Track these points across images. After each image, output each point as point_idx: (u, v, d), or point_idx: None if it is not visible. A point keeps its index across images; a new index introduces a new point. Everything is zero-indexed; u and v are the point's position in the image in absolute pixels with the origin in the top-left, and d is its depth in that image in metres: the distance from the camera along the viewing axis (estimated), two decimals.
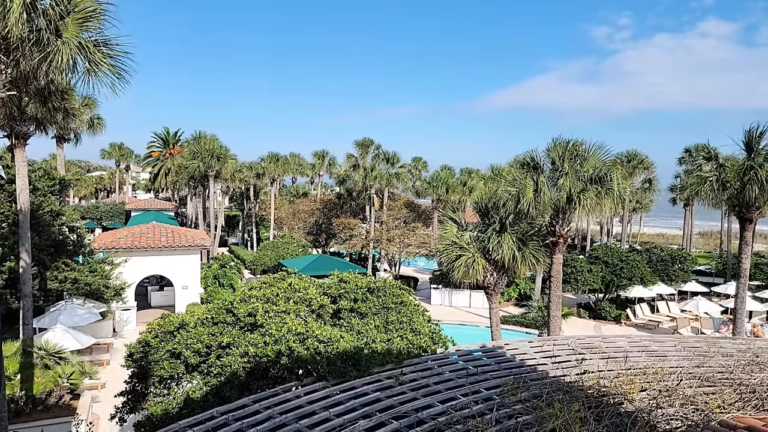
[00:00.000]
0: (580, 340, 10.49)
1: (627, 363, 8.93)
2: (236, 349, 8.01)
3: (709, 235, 67.88)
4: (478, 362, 9.12)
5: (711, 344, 10.78)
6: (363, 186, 39.89)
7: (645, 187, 45.93)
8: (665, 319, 30.67)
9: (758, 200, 15.95)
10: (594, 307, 31.54)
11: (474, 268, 15.35)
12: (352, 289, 9.98)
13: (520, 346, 10.20)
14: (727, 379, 7.99)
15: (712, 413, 6.32)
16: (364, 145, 40.97)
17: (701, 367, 8.68)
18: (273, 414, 6.67)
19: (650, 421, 6.20)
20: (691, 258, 36.48)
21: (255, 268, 39.08)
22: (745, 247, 16.83)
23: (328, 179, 71.98)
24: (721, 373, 8.27)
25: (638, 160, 42.93)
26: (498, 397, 7.42)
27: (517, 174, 16.20)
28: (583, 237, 52.61)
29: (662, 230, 77.85)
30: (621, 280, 30.56)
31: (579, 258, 32.08)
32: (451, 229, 16.60)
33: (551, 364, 9.03)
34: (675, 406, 6.73)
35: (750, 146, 16.56)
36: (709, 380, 7.96)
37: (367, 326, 9.16)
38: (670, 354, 9.71)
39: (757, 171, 15.60)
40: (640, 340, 10.86)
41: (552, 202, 15.26)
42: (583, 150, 15.54)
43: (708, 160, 17.23)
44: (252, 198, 52.27)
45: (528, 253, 15.41)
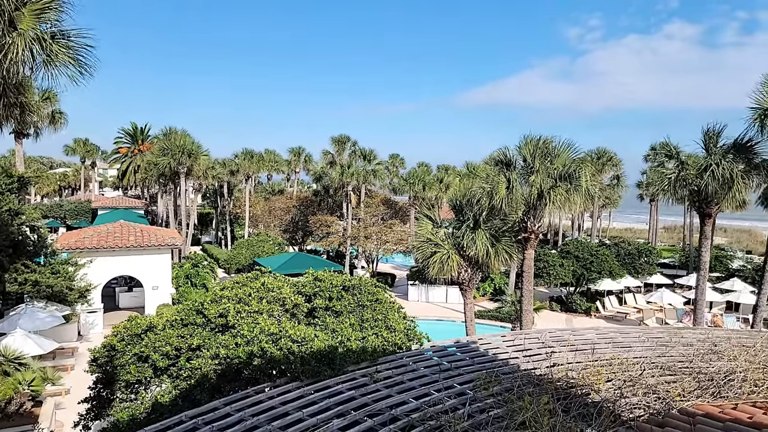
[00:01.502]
0: (550, 333, 10.73)
1: (594, 354, 9.20)
2: (207, 351, 7.93)
3: (673, 230, 70.06)
4: (452, 358, 9.25)
5: (673, 334, 11.17)
6: (340, 183, 39.79)
7: (613, 184, 47.15)
8: (632, 311, 31.60)
9: (716, 196, 16.60)
10: (566, 300, 32.25)
11: (449, 264, 15.54)
12: (327, 287, 9.98)
13: (493, 341, 10.38)
14: (687, 367, 8.31)
15: (673, 401, 6.58)
16: (340, 141, 40.86)
17: (663, 356, 9.00)
18: (245, 416, 6.63)
19: (615, 411, 6.42)
20: (656, 251, 37.65)
21: (229, 267, 38.60)
22: (705, 241, 17.48)
23: (304, 176, 71.51)
24: (682, 362, 8.60)
25: (607, 157, 44.01)
26: (471, 391, 7.54)
27: (491, 171, 16.44)
28: (555, 232, 53.64)
29: (630, 225, 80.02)
30: (591, 274, 31.33)
31: (551, 253, 32.74)
32: (427, 226, 16.75)
33: (522, 357, 9.22)
34: (638, 395, 6.98)
35: (708, 145, 17.20)
36: (670, 369, 8.27)
37: (342, 325, 9.18)
38: (635, 345, 10.02)
39: (714, 168, 16.24)
40: (607, 332, 11.18)
41: (524, 199, 15.55)
42: (554, 147, 15.87)
43: (670, 158, 17.83)
44: (226, 195, 51.51)
45: (501, 248, 15.67)
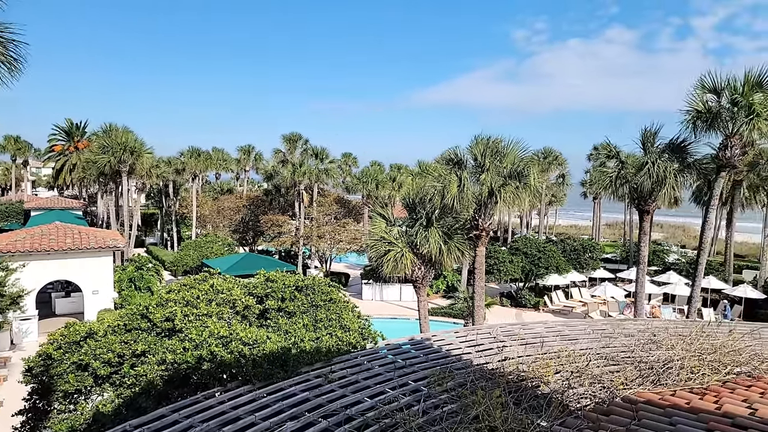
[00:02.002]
0: (501, 328, 10.98)
1: (543, 348, 9.47)
2: (153, 357, 7.56)
3: (615, 226, 73.59)
4: (406, 355, 9.27)
5: (616, 326, 11.69)
6: (292, 182, 39.20)
7: (559, 182, 48.99)
8: (578, 305, 32.93)
9: (653, 193, 17.57)
10: (515, 296, 33.19)
11: (403, 262, 15.62)
12: (279, 288, 9.77)
13: (446, 337, 10.50)
14: (629, 357, 8.70)
15: (617, 390, 6.87)
16: (292, 140, 40.23)
17: (607, 347, 9.39)
18: (194, 423, 6.37)
19: (563, 401, 6.62)
20: (599, 247, 39.41)
21: (176, 269, 37.20)
22: (644, 236, 18.47)
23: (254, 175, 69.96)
24: (624, 353, 9.00)
25: (553, 156, 45.67)
26: (425, 388, 7.58)
27: (443, 170, 16.66)
28: (505, 230, 55.12)
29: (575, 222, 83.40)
30: (539, 270, 32.39)
31: (501, 250, 33.59)
32: (380, 225, 16.76)
33: (475, 352, 9.37)
34: (585, 385, 7.24)
35: (645, 145, 18.18)
36: (614, 359, 8.63)
37: (296, 325, 9.01)
38: (581, 337, 10.41)
39: (650, 167, 17.19)
40: (555, 326, 11.56)
41: (475, 197, 15.84)
42: (503, 147, 16.27)
43: (610, 157, 18.72)
44: (171, 195, 49.61)
45: (453, 246, 15.91)
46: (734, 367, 7.63)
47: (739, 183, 32.37)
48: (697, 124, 17.16)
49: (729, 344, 8.60)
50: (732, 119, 16.52)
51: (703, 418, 5.25)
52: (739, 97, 16.30)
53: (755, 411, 5.44)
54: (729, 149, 16.75)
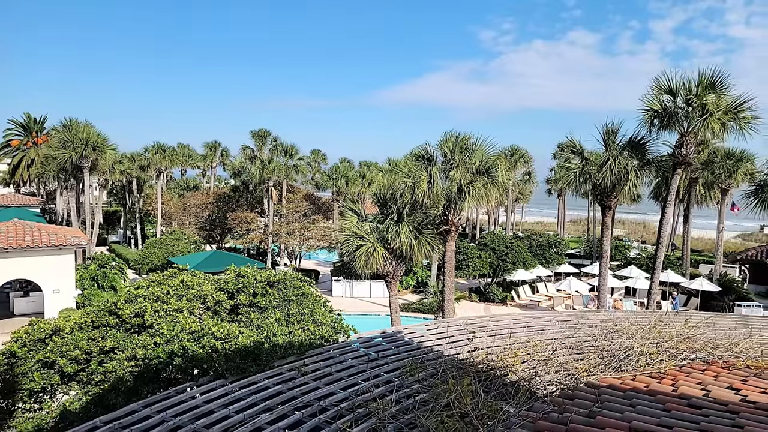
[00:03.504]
0: (471, 320, 11.25)
1: (511, 338, 9.77)
2: (122, 353, 7.44)
3: (579, 223, 75.72)
4: (378, 348, 9.40)
5: (580, 317, 12.13)
6: (260, 178, 38.75)
7: (525, 179, 50.10)
8: (544, 299, 33.81)
9: (614, 189, 18.28)
10: (483, 291, 33.81)
11: (374, 256, 15.75)
12: (251, 283, 9.73)
13: (417, 330, 10.68)
14: (592, 346, 9.07)
15: (581, 376, 7.18)
16: (260, 136, 39.76)
17: (572, 337, 9.75)
18: (166, 417, 6.32)
19: (531, 388, 6.89)
20: (564, 243, 40.55)
21: (140, 268, 36.29)
22: (606, 231, 19.18)
23: (221, 171, 68.72)
24: (588, 342, 9.37)
25: (519, 154, 46.65)
26: (397, 379, 7.72)
27: (413, 166, 16.89)
28: (473, 226, 55.96)
29: (541, 219, 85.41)
30: (506, 265, 33.09)
31: (470, 246, 34.14)
32: (352, 220, 16.84)
33: (446, 344, 9.58)
34: (551, 372, 7.54)
35: (607, 142, 18.87)
36: (578, 348, 8.99)
37: (268, 320, 9.00)
38: (547, 328, 10.77)
39: (612, 163, 17.88)
40: (522, 318, 11.91)
41: (444, 192, 16.11)
42: (471, 144, 16.59)
43: (574, 154, 19.34)
44: (135, 192, 48.26)
45: (424, 240, 16.14)
46: (689, 353, 8.06)
47: (695, 180, 33.87)
48: (655, 123, 17.94)
49: (685, 332, 9.09)
50: (687, 119, 17.36)
51: (660, 400, 5.58)
52: (693, 97, 17.13)
53: (708, 392, 5.81)
54: (684, 147, 17.58)
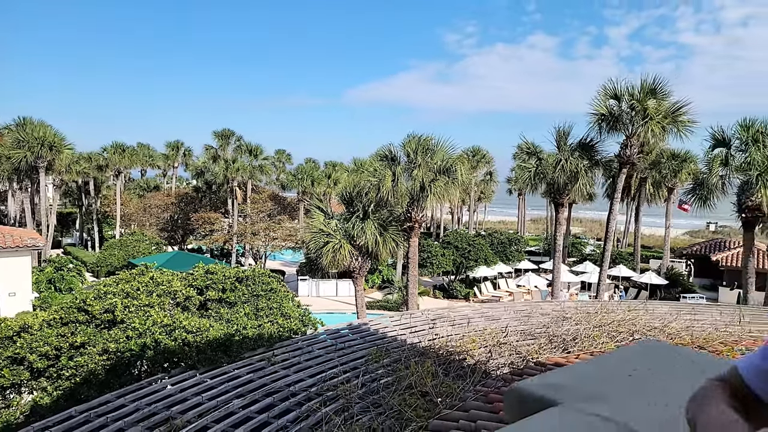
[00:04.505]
0: (432, 311, 11.86)
1: (470, 326, 10.42)
2: (93, 348, 7.61)
3: (539, 221, 78.11)
4: (345, 338, 9.86)
5: (534, 307, 12.94)
6: (224, 178, 38.44)
7: (487, 179, 51.49)
8: (505, 294, 34.95)
9: (567, 188, 19.40)
10: (447, 288, 34.67)
11: (341, 253, 16.19)
12: (219, 279, 10.00)
13: (382, 321, 11.20)
14: (544, 332, 9.82)
15: (531, 357, 7.87)
16: (224, 136, 39.42)
17: (525, 324, 10.49)
18: (140, 405, 6.59)
19: (486, 369, 7.53)
20: (524, 240, 41.99)
21: (99, 271, 35.38)
22: (560, 227, 20.27)
23: (183, 171, 67.32)
24: (540, 328, 10.12)
25: (481, 155, 47.94)
26: (363, 365, 8.21)
27: (378, 166, 17.44)
28: (437, 225, 57.00)
29: (503, 218, 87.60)
30: (469, 262, 34.06)
31: (434, 244, 34.97)
32: (319, 218, 17.22)
33: (409, 333, 10.13)
34: (504, 355, 8.21)
35: (560, 143, 19.99)
36: (531, 334, 9.72)
37: (237, 314, 9.32)
38: (503, 317, 11.48)
39: (564, 163, 18.98)
40: (480, 308, 12.61)
41: (408, 191, 16.72)
42: (433, 144, 17.28)
43: (530, 155, 20.36)
44: (92, 193, 46.86)
45: (389, 237, 16.69)
46: (628, 335, 8.88)
47: (644, 180, 35.76)
48: (602, 126, 19.15)
49: (627, 318, 9.97)
50: (631, 122, 18.61)
51: None
52: (636, 102, 18.39)
53: None
54: (629, 148, 18.83)
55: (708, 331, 9.32)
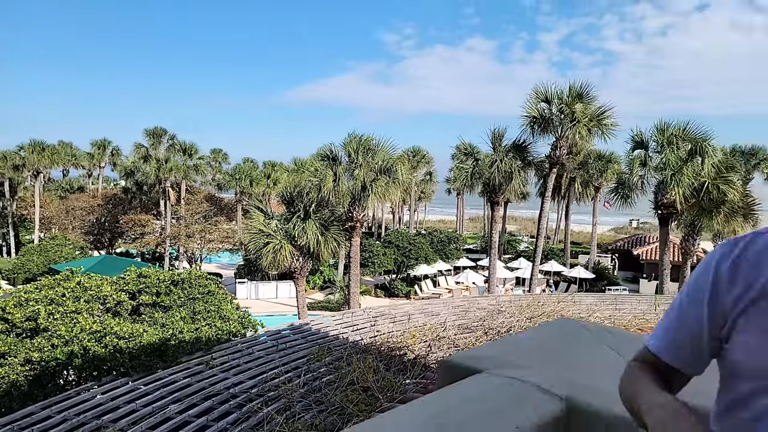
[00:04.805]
0: (374, 309, 12.01)
1: (410, 323, 10.67)
2: (15, 358, 7.11)
3: (477, 220, 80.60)
4: (286, 339, 9.79)
5: (471, 302, 13.41)
6: (156, 179, 36.77)
7: (427, 179, 52.55)
8: (444, 291, 35.84)
9: (502, 187, 20.31)
10: (388, 287, 35.07)
11: (282, 254, 16.00)
12: (153, 283, 9.62)
13: (324, 321, 11.22)
14: (480, 325, 10.23)
15: (468, 349, 8.19)
16: (155, 134, 37.70)
17: (463, 318, 10.88)
18: (68, 416, 6.25)
19: (426, 363, 7.75)
20: (462, 238, 43.24)
21: (15, 278, 32.79)
22: (495, 225, 21.15)
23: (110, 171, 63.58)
24: (477, 322, 10.53)
25: (421, 155, 48.86)
26: (305, 365, 8.20)
27: (319, 165, 17.40)
28: (379, 225, 57.45)
29: (443, 217, 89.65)
30: (410, 261, 34.64)
31: (375, 243, 35.26)
32: (258, 218, 16.92)
33: (351, 332, 10.22)
34: (443, 349, 8.49)
35: (495, 144, 20.91)
36: (468, 327, 10.10)
37: (173, 318, 9.02)
38: (442, 312, 11.83)
39: (499, 164, 19.86)
40: (421, 305, 12.92)
41: (349, 190, 16.81)
42: (374, 145, 17.48)
43: (467, 156, 21.10)
44: (8, 194, 43.29)
45: (330, 237, 16.69)
46: None
47: (573, 180, 37.88)
48: (534, 128, 20.22)
49: (556, 309, 10.59)
50: (560, 125, 19.77)
51: None
52: (565, 106, 19.57)
53: None
54: (558, 149, 19.98)
55: (628, 319, 10.14)
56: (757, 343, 0.87)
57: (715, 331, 0.93)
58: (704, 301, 0.94)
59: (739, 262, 0.91)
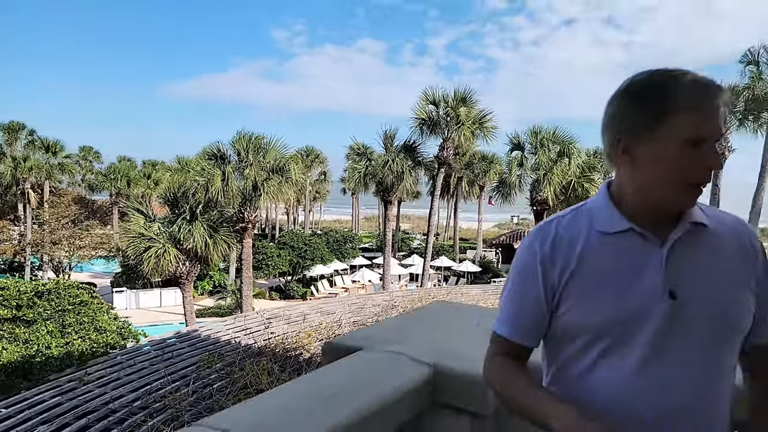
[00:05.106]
0: (268, 311, 11.78)
1: (306, 322, 10.65)
2: None
3: (372, 219, 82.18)
4: (173, 348, 9.25)
5: (367, 299, 13.72)
6: (13, 179, 32.41)
7: (321, 179, 52.47)
8: (341, 291, 36.03)
9: (394, 186, 21.07)
10: (284, 289, 34.44)
11: (165, 258, 14.99)
12: (12, 295, 8.54)
13: (214, 327, 10.77)
14: (375, 321, 10.53)
15: None
16: (11, 129, 33.22)
17: (358, 315, 11.11)
18: None
19: (321, 361, 7.81)
20: (358, 238, 43.83)
21: None
22: (389, 224, 21.85)
23: None
24: (371, 317, 10.82)
25: (315, 154, 48.66)
26: (194, 373, 7.84)
27: (206, 164, 16.62)
28: (272, 226, 56.11)
29: (338, 216, 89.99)
30: (306, 262, 34.33)
31: (269, 245, 34.43)
32: (138, 221, 15.68)
33: (243, 335, 9.93)
34: None
35: (386, 145, 21.64)
36: (363, 323, 10.33)
37: (38, 333, 8.09)
38: (338, 311, 11.97)
39: (391, 164, 20.60)
40: (316, 305, 12.94)
41: (240, 191, 16.26)
42: (266, 143, 17.10)
43: (361, 156, 21.55)
44: None
45: (220, 239, 16.00)
46: None
47: (460, 179, 40.22)
48: (424, 129, 21.27)
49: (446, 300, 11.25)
50: (446, 126, 21.01)
51: None
52: (450, 109, 20.84)
53: None
54: (445, 150, 21.22)
55: None
56: (582, 305, 1.06)
57: (551, 305, 1.09)
58: (538, 281, 1.09)
59: (556, 243, 1.09)
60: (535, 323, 1.12)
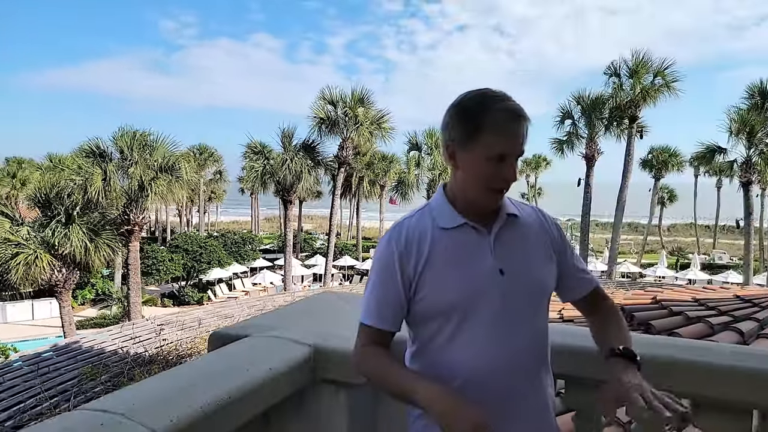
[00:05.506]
0: (159, 318, 11.17)
1: (202, 327, 10.27)
2: None
3: (273, 219, 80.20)
4: (50, 362, 8.47)
5: (267, 301, 13.53)
6: None
7: (217, 178, 50.24)
8: (241, 294, 34.85)
9: (294, 186, 20.90)
10: (178, 294, 32.55)
11: (37, 265, 13.49)
12: None
13: (98, 337, 10.00)
14: None
15: None
16: None
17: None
18: None
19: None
20: (258, 239, 42.65)
21: None
22: (290, 224, 21.62)
23: None
24: None
25: (208, 153, 46.47)
26: (76, 386, 7.27)
27: (83, 162, 15.28)
28: (163, 229, 52.62)
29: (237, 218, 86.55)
30: (201, 265, 32.70)
31: (160, 249, 32.33)
32: (4, 225, 13.94)
33: (133, 344, 9.34)
34: None
35: (285, 144, 21.49)
36: None
37: None
38: (236, 313, 11.68)
39: (290, 163, 20.41)
40: (213, 309, 12.50)
41: (124, 191, 15.13)
42: (152, 140, 16.09)
43: (258, 154, 21.05)
44: None
45: (102, 243, 14.74)
46: None
47: (362, 179, 40.77)
48: (323, 129, 21.31)
49: None
50: (345, 126, 21.26)
51: None
52: (349, 109, 21.12)
53: None
54: (345, 150, 21.47)
55: None
56: (436, 289, 1.29)
57: (409, 293, 1.29)
58: (396, 275, 1.27)
59: (409, 240, 1.29)
60: (396, 311, 1.30)
